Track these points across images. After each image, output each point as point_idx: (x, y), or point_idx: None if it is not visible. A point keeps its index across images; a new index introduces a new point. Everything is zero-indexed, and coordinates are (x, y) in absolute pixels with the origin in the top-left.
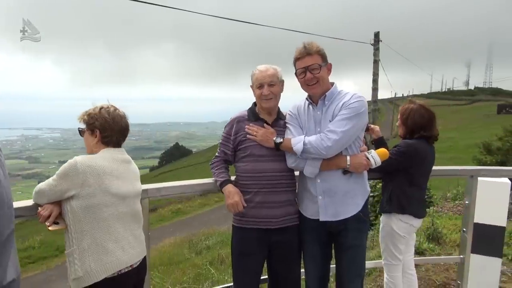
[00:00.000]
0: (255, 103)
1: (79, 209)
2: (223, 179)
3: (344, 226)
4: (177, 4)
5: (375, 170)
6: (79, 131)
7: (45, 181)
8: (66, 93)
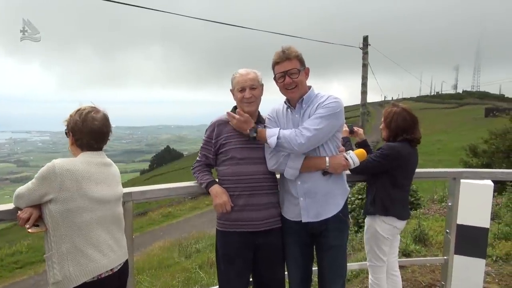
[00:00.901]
0: (235, 107)
1: (57, 213)
2: (208, 180)
3: (325, 226)
4: (165, 7)
5: (359, 172)
6: (65, 133)
7: (25, 184)
8: (55, 95)
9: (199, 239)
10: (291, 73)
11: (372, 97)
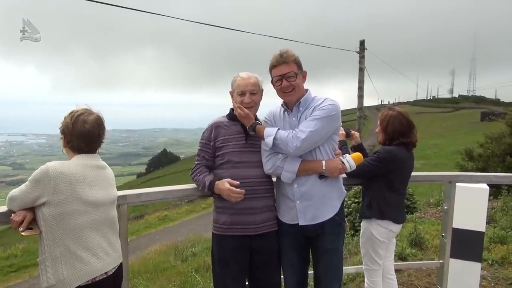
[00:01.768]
0: (233, 109)
1: (50, 216)
2: (210, 180)
3: (321, 230)
4: (158, 10)
5: (356, 176)
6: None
7: (19, 187)
8: (51, 98)
9: (195, 243)
10: (288, 76)
11: (368, 101)
